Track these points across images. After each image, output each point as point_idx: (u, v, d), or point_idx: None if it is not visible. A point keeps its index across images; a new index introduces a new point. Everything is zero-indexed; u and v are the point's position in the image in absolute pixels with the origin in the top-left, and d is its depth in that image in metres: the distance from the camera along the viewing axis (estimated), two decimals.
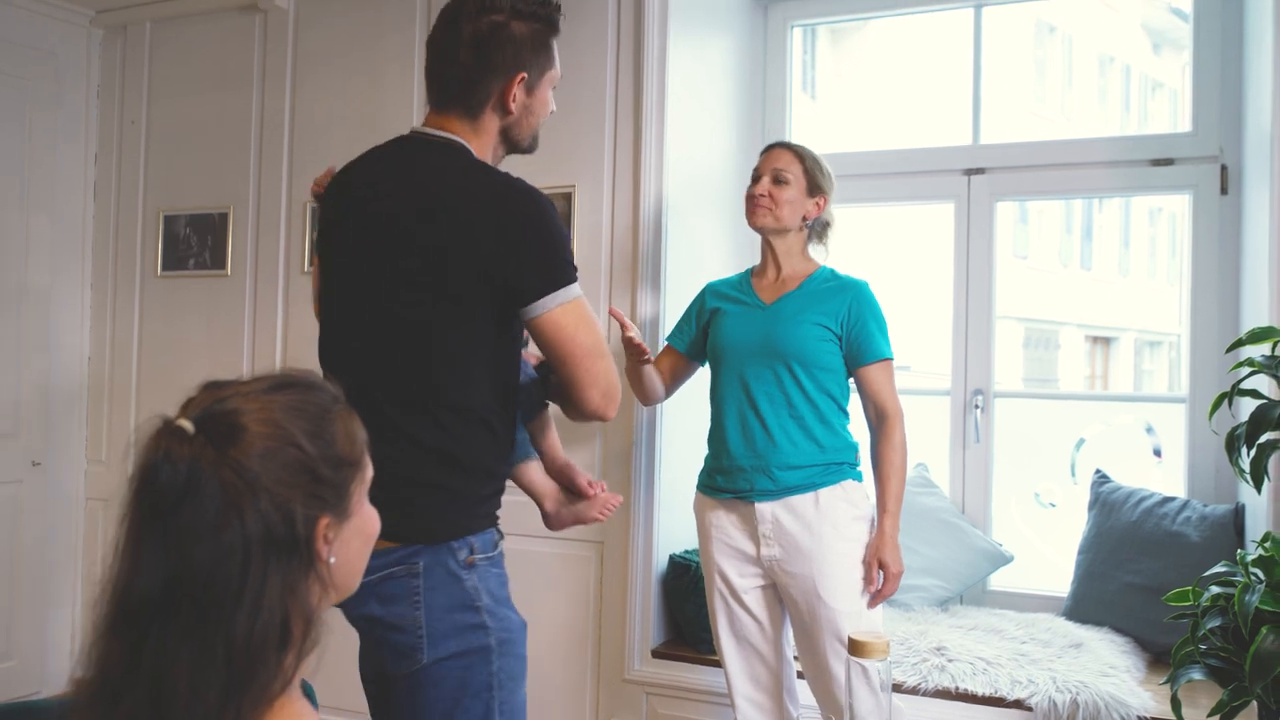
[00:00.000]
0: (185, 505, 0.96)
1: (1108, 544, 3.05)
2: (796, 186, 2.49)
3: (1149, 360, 17.50)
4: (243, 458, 0.98)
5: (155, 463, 0.97)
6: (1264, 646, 1.89)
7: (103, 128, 3.92)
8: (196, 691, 0.94)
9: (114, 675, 0.96)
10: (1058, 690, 2.57)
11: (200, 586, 0.95)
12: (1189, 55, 3.13)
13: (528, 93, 1.80)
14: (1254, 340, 2.10)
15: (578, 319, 1.69)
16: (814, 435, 2.41)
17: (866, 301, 2.47)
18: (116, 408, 3.87)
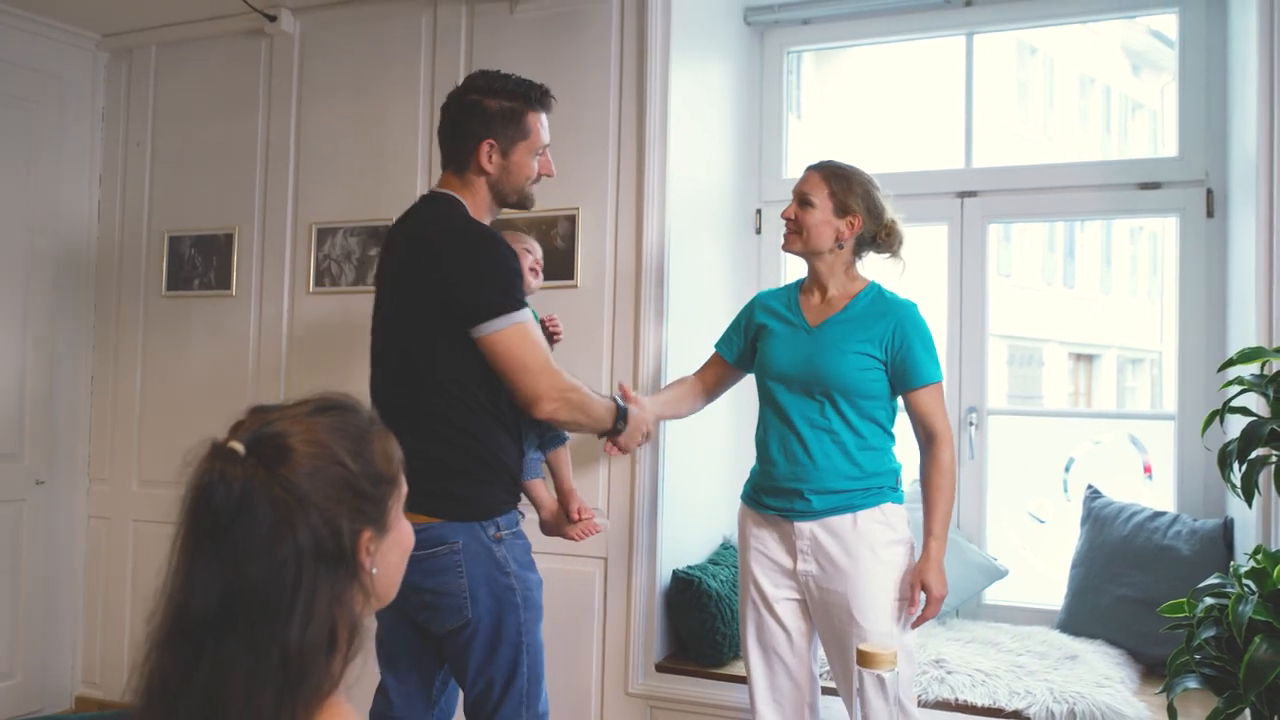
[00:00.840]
0: (239, 523, 1.02)
1: (1100, 558, 3.12)
2: (822, 209, 2.47)
3: (1131, 377, 17.71)
4: (292, 476, 1.05)
5: (210, 483, 1.03)
6: (1258, 655, 1.95)
7: (107, 150, 3.96)
8: (252, 697, 1.00)
9: (171, 685, 1.02)
10: (1055, 701, 2.64)
11: (256, 599, 1.01)
12: (1169, 78, 3.23)
13: (502, 156, 2.22)
14: (1244, 360, 2.18)
15: (523, 344, 2.11)
16: (855, 459, 2.42)
17: (912, 324, 2.43)
18: (120, 426, 3.90)
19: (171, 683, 1.02)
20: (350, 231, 3.48)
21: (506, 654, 2.16)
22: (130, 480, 3.87)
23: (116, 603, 3.87)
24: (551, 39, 3.24)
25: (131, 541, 3.86)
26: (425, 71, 3.42)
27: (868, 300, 2.49)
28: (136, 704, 1.06)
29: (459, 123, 2.23)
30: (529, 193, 2.30)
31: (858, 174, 2.53)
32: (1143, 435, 4.39)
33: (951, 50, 3.61)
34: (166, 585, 1.07)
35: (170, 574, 1.07)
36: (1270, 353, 2.16)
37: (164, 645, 1.04)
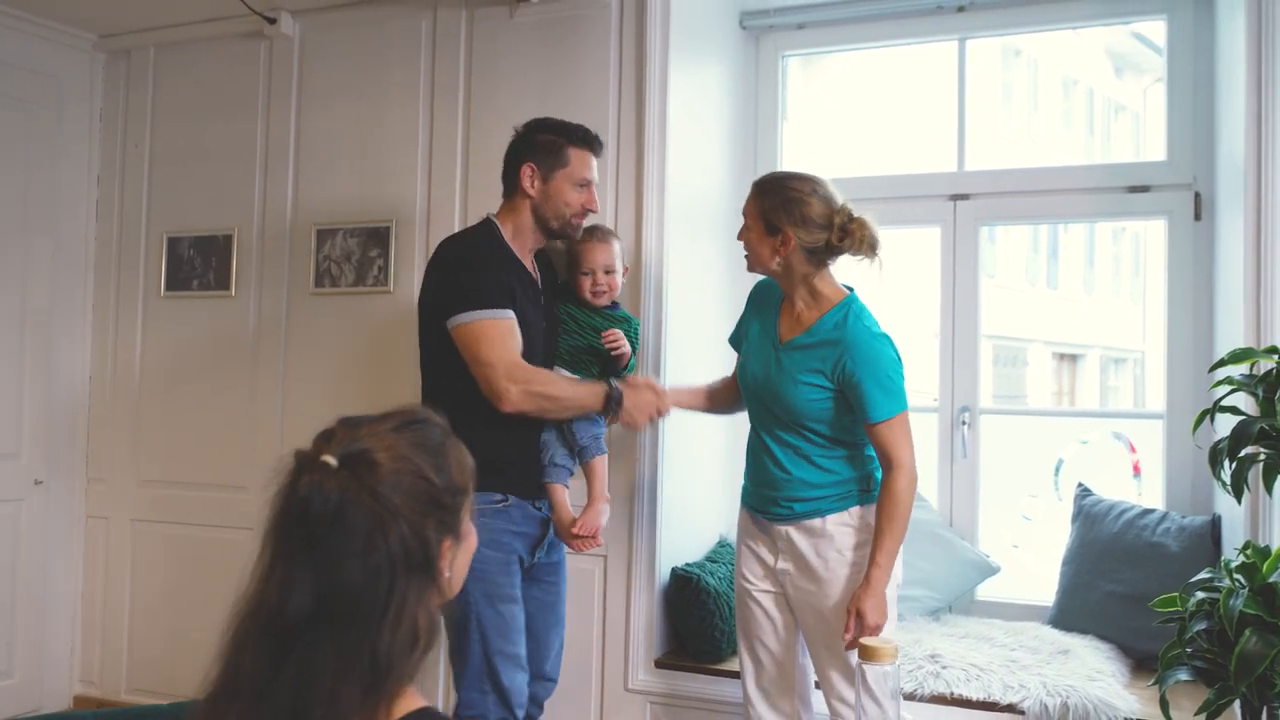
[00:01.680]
0: (336, 532, 1.09)
1: (1091, 555, 3.18)
2: (755, 229, 2.44)
3: (1114, 377, 17.83)
4: (382, 489, 1.11)
5: (308, 495, 1.10)
6: (1248, 648, 2.01)
7: (105, 150, 3.98)
8: (338, 695, 1.07)
9: (257, 683, 1.08)
10: (1048, 694, 2.69)
11: (349, 604, 1.08)
12: (1151, 80, 3.30)
13: (542, 181, 2.49)
14: (1235, 360, 2.24)
15: (477, 341, 2.37)
16: (824, 468, 2.45)
17: (862, 358, 2.35)
18: (119, 426, 3.91)
19: (258, 680, 1.08)
20: (350, 233, 3.51)
21: (454, 628, 2.38)
22: (129, 480, 3.88)
23: (115, 602, 3.89)
24: (551, 43, 3.27)
25: (130, 541, 3.87)
26: (425, 75, 3.45)
27: (831, 324, 2.42)
28: (215, 697, 1.12)
29: (510, 151, 2.55)
30: (572, 223, 2.54)
31: (788, 186, 2.42)
32: (1130, 434, 4.46)
33: (939, 55, 3.66)
34: (255, 588, 1.12)
35: (260, 577, 1.12)
36: (1260, 353, 2.22)
37: (251, 644, 1.10)
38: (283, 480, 1.13)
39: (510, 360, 2.38)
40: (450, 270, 2.46)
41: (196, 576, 3.75)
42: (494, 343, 2.37)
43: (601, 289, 2.65)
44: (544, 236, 2.57)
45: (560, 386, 2.47)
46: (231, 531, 3.70)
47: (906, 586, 3.29)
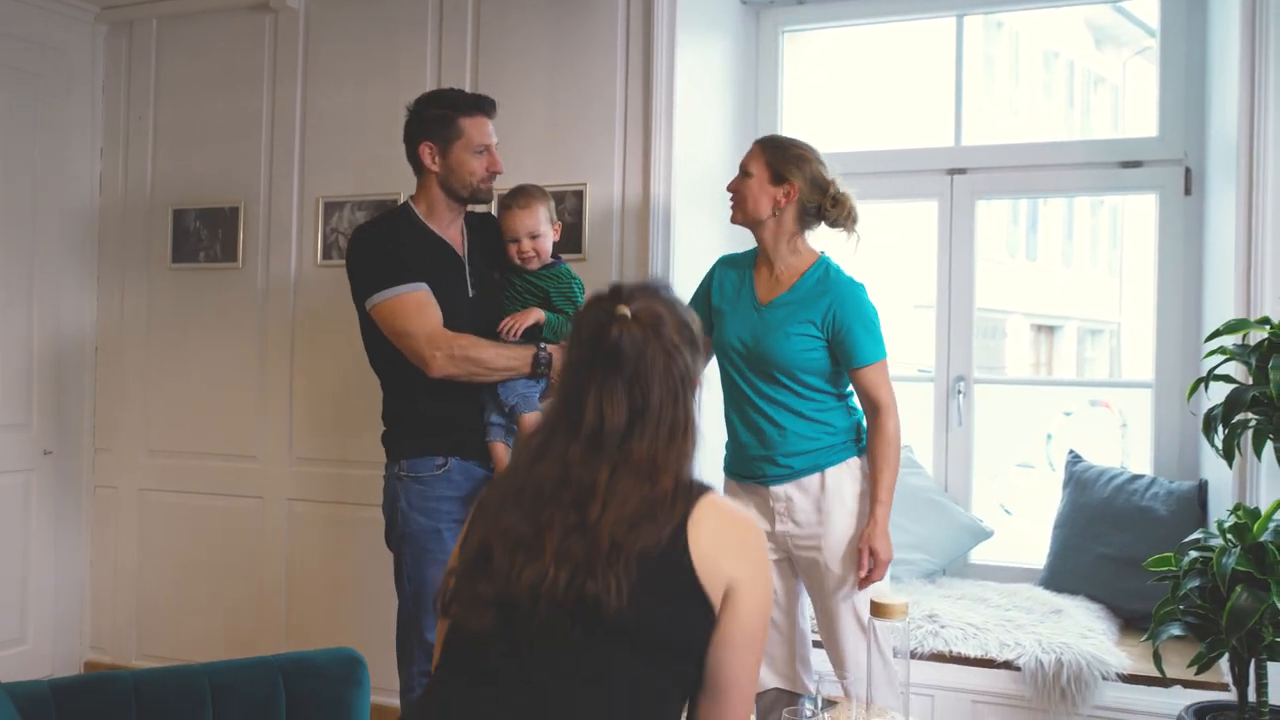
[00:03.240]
0: (643, 364, 1.43)
1: (1082, 519, 3.29)
2: (759, 178, 2.54)
3: (1090, 348, 18.06)
4: (668, 333, 1.46)
5: (618, 339, 1.43)
6: (1239, 603, 2.12)
7: (108, 123, 3.99)
8: (656, 483, 1.41)
9: (582, 483, 1.39)
10: (1043, 651, 2.81)
11: (657, 414, 1.43)
12: (1131, 53, 3.38)
13: (442, 156, 2.56)
14: (1229, 331, 2.34)
15: (393, 316, 2.49)
16: (816, 422, 2.54)
17: (850, 305, 2.50)
18: (126, 397, 3.95)
19: (584, 480, 1.39)
20: (358, 205, 3.55)
21: (400, 578, 2.60)
22: (137, 450, 3.93)
23: (124, 570, 3.94)
24: (559, 19, 3.32)
25: (138, 510, 3.92)
26: (432, 50, 3.49)
27: (814, 280, 2.56)
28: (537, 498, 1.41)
29: (406, 134, 2.64)
30: (480, 189, 2.61)
31: (796, 145, 2.59)
32: (1117, 403, 4.60)
33: (936, 30, 3.73)
34: (569, 414, 1.44)
35: (575, 403, 1.44)
36: (1252, 324, 2.32)
37: (578, 453, 1.41)
38: (590, 329, 1.45)
39: (429, 328, 2.48)
40: (357, 256, 2.58)
41: (205, 545, 3.81)
42: (410, 315, 2.48)
43: (528, 254, 2.64)
44: (460, 205, 2.65)
45: (486, 350, 2.52)
46: (239, 500, 3.77)
47: (903, 550, 3.41)
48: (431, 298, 2.52)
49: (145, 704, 2.08)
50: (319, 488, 3.65)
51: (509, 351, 2.55)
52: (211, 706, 2.12)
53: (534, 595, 1.33)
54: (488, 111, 2.62)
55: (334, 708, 2.21)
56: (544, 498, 1.39)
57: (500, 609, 1.36)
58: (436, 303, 2.52)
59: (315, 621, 3.61)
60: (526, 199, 2.64)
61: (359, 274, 2.57)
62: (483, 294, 2.66)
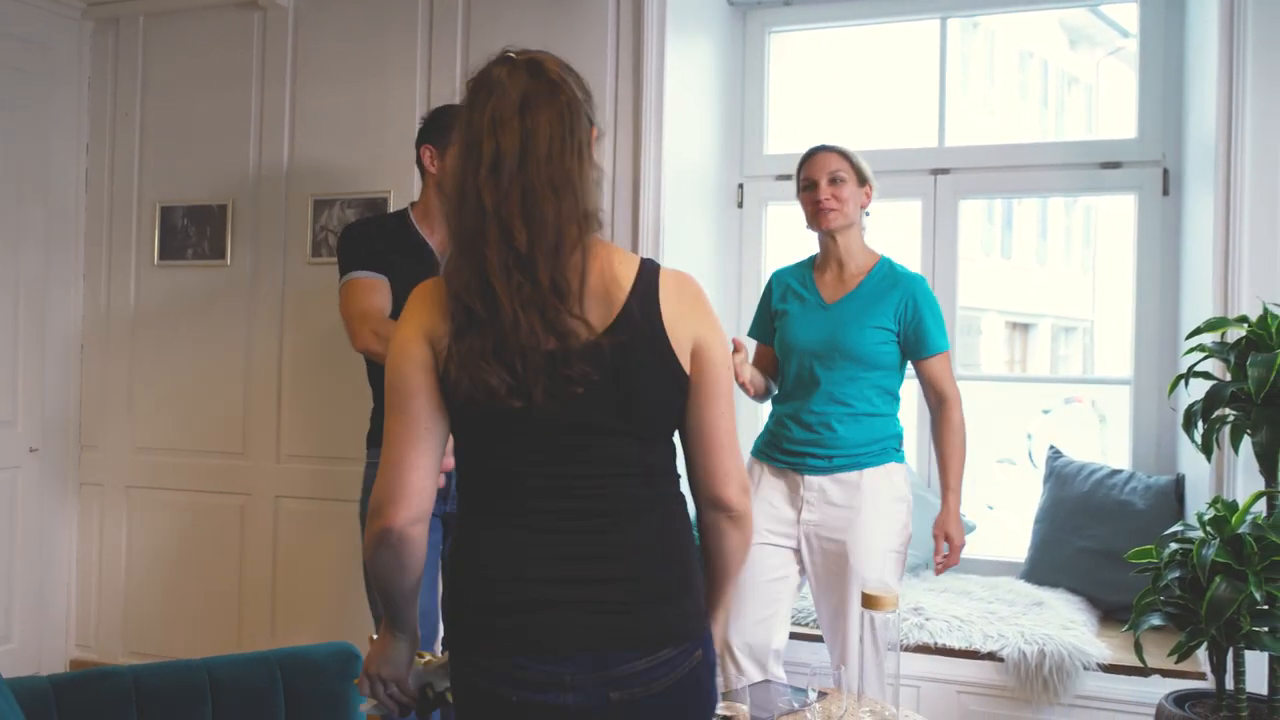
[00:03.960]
0: (529, 92, 1.42)
1: (1062, 513, 3.36)
2: (851, 182, 2.68)
3: (1064, 345, 18.26)
4: (551, 67, 1.47)
5: (501, 74, 1.44)
6: (1218, 593, 2.19)
7: (94, 119, 3.98)
8: (561, 226, 1.41)
9: (499, 209, 1.40)
10: (1026, 643, 2.87)
11: (545, 140, 1.41)
12: (1104, 54, 3.45)
13: (440, 159, 2.60)
14: (1209, 329, 2.40)
15: (343, 295, 2.61)
16: (867, 423, 2.63)
17: (924, 297, 2.66)
18: (112, 394, 3.95)
19: (501, 210, 1.40)
20: (348, 203, 3.56)
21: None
22: (124, 447, 3.93)
23: (110, 567, 3.94)
24: (549, 21, 3.35)
25: (125, 507, 3.92)
26: (423, 48, 3.50)
27: (880, 275, 2.69)
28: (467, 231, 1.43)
29: (416, 141, 2.70)
30: None
31: (852, 152, 2.75)
32: (1093, 398, 4.69)
33: (920, 32, 3.78)
34: (473, 144, 1.43)
35: (477, 136, 1.43)
36: (1231, 322, 2.38)
37: (483, 180, 1.41)
38: (481, 76, 1.47)
39: (365, 307, 2.59)
40: (339, 247, 2.76)
41: (192, 541, 3.82)
42: (354, 296, 2.61)
43: None
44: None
45: None
46: (227, 497, 3.78)
47: (924, 552, 3.47)
48: (383, 285, 2.63)
49: (145, 699, 2.09)
50: (307, 484, 3.66)
51: None
52: (211, 701, 2.14)
53: (521, 346, 1.39)
54: None
55: (331, 701, 2.24)
56: (473, 242, 1.41)
57: (500, 363, 1.39)
58: (388, 292, 2.63)
59: (303, 618, 3.63)
60: None
61: (339, 263, 2.73)
62: None
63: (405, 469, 1.44)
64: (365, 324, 2.58)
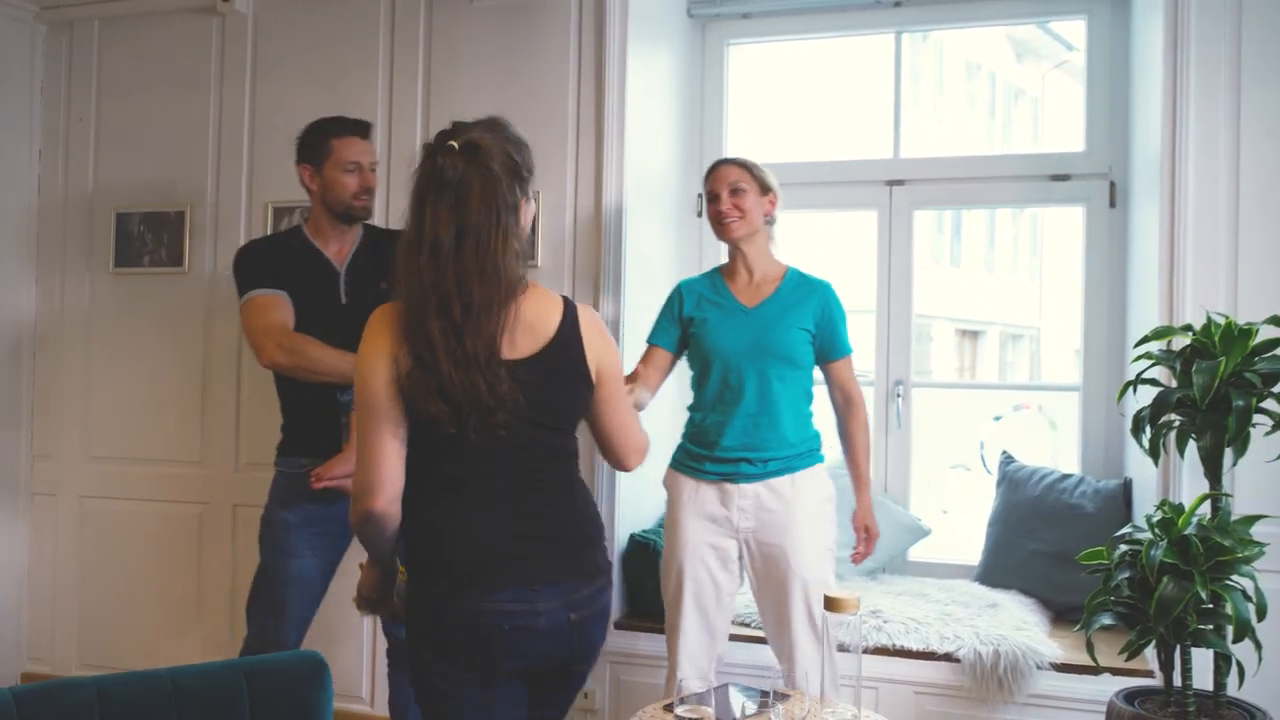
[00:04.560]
0: (464, 189, 1.77)
1: (1015, 516, 3.44)
2: (751, 190, 2.76)
3: (1012, 352, 18.58)
4: (484, 160, 1.78)
5: (443, 167, 1.77)
6: (1166, 593, 2.26)
7: (47, 124, 3.93)
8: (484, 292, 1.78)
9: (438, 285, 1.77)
10: (981, 644, 2.93)
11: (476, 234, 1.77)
12: (1050, 66, 3.55)
13: (319, 175, 2.77)
14: (1156, 337, 2.48)
15: (245, 313, 2.72)
16: (792, 426, 2.72)
17: (834, 302, 2.79)
18: (66, 403, 3.89)
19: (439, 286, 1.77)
20: (307, 211, 3.54)
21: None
22: (78, 457, 3.87)
23: (64, 579, 3.88)
24: (511, 29, 3.37)
25: (79, 517, 3.87)
26: (384, 56, 3.51)
27: (794, 283, 2.80)
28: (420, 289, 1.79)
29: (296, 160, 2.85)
30: (351, 204, 2.79)
31: (753, 162, 2.85)
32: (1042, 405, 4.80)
33: (876, 46, 3.86)
34: (418, 230, 1.78)
35: (420, 225, 1.79)
36: (1177, 330, 2.46)
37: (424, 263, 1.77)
38: (425, 161, 1.79)
39: (268, 323, 2.68)
40: (234, 267, 2.83)
41: (148, 551, 3.77)
42: (255, 313, 2.71)
43: None
44: (342, 222, 2.82)
45: (316, 350, 2.67)
46: (185, 506, 3.74)
47: (845, 548, 3.52)
48: (284, 301, 2.72)
49: (110, 709, 2.07)
50: (266, 493, 3.63)
51: (339, 356, 2.65)
52: (176, 710, 2.13)
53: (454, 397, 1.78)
54: (360, 132, 2.81)
55: (298, 710, 2.23)
56: (420, 308, 1.77)
57: (442, 398, 1.78)
58: (290, 307, 2.73)
59: None
60: None
61: (237, 283, 2.80)
62: (358, 301, 2.76)
63: (378, 462, 1.84)
64: (270, 339, 2.66)
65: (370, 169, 2.82)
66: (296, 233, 2.88)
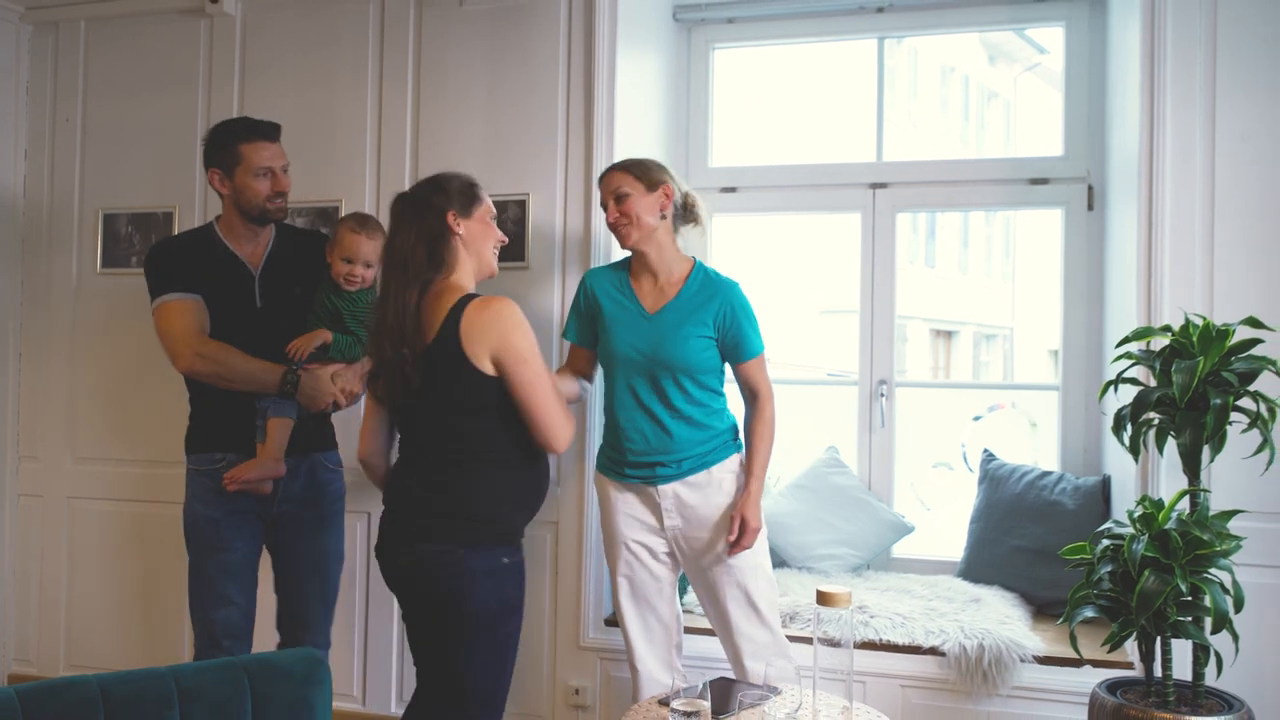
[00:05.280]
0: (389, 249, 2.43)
1: (996, 513, 3.51)
2: (636, 193, 2.71)
3: (985, 352, 18.75)
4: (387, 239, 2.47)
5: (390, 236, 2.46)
6: (1147, 585, 2.33)
7: (33, 124, 3.92)
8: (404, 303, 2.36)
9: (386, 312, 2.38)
10: (965, 637, 2.99)
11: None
12: (1022, 69, 3.62)
13: (230, 180, 2.79)
14: (1136, 337, 2.55)
15: (158, 319, 2.77)
16: (701, 424, 2.72)
17: (739, 304, 2.73)
18: (52, 404, 3.88)
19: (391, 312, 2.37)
20: (299, 211, 3.56)
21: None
22: (64, 458, 3.87)
23: (51, 580, 3.87)
24: (501, 32, 3.40)
25: (67, 519, 3.86)
26: (374, 60, 3.53)
27: (698, 284, 2.76)
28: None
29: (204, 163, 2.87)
30: (266, 208, 2.81)
31: (643, 159, 2.81)
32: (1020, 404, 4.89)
33: (850, 50, 3.93)
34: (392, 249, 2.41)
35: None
36: (1157, 331, 2.53)
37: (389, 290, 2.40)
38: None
39: (182, 329, 2.73)
40: (145, 267, 2.84)
41: (135, 552, 3.77)
42: (170, 318, 2.74)
43: (355, 279, 2.79)
44: (256, 224, 2.84)
45: (234, 358, 2.73)
46: (171, 507, 3.70)
47: (830, 545, 3.60)
48: (197, 306, 2.75)
49: (114, 707, 2.09)
50: None
51: (260, 367, 2.73)
52: (179, 707, 2.15)
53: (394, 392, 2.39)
54: (268, 136, 2.82)
55: (298, 707, 2.25)
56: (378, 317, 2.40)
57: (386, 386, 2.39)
58: (205, 311, 2.76)
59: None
60: (373, 229, 2.80)
61: (149, 285, 2.81)
62: (273, 304, 2.82)
63: (364, 427, 2.55)
64: (187, 347, 2.71)
65: (282, 172, 2.82)
66: (209, 232, 2.87)
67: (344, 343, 2.80)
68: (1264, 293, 2.84)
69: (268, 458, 2.77)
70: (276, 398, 2.77)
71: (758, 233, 4.11)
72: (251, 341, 2.74)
